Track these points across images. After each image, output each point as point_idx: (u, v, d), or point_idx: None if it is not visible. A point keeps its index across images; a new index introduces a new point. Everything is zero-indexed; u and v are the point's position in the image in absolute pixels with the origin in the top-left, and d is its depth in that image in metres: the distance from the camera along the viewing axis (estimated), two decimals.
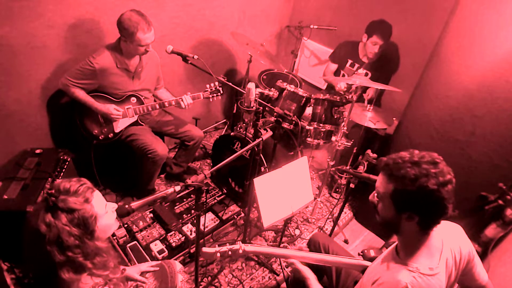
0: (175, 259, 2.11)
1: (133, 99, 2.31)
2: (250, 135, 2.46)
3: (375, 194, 1.19)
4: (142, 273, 1.56)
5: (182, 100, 2.32)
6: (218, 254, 1.36)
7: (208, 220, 2.40)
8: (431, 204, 1.04)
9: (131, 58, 2.22)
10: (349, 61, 2.95)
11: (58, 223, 1.01)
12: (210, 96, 2.38)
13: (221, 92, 2.39)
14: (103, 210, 1.14)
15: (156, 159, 2.32)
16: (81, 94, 2.15)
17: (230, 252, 1.39)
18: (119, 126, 2.31)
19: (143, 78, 2.34)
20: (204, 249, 1.37)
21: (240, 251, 1.40)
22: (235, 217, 2.50)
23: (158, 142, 2.36)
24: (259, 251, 1.48)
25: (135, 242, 2.15)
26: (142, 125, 2.40)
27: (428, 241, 1.13)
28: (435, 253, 1.14)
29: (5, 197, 1.82)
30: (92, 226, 1.08)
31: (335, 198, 2.95)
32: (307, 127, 2.47)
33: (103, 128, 2.29)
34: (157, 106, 2.34)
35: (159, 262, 1.63)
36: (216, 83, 2.36)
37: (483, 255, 1.88)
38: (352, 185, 2.03)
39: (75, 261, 1.03)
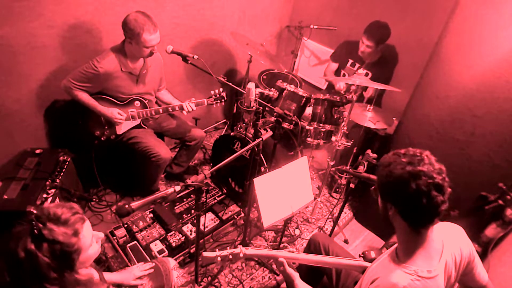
0: (175, 259, 2.11)
1: (137, 103, 2.30)
2: (250, 135, 2.46)
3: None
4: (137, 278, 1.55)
5: (185, 106, 2.29)
6: (219, 259, 1.35)
7: (208, 220, 2.40)
8: (402, 193, 1.04)
9: (136, 60, 2.20)
10: (350, 61, 2.95)
11: (38, 253, 0.94)
12: (214, 103, 2.33)
13: (225, 98, 2.34)
14: (89, 242, 1.07)
15: (159, 163, 2.32)
16: (84, 97, 2.14)
17: (231, 256, 1.37)
18: (121, 129, 2.31)
19: (147, 80, 2.33)
20: (205, 254, 1.35)
21: (241, 255, 1.38)
22: (235, 217, 2.50)
23: (161, 145, 2.36)
24: (260, 254, 1.47)
25: (135, 242, 2.15)
26: (145, 127, 2.39)
27: (427, 243, 1.13)
28: (435, 255, 1.14)
29: (5, 197, 1.82)
30: (73, 260, 1.01)
31: (335, 198, 2.95)
32: (307, 127, 2.47)
33: (105, 130, 2.29)
34: (161, 111, 2.32)
35: (152, 262, 1.63)
36: (221, 89, 2.31)
37: (483, 255, 1.88)
38: (352, 185, 2.03)
39: None
